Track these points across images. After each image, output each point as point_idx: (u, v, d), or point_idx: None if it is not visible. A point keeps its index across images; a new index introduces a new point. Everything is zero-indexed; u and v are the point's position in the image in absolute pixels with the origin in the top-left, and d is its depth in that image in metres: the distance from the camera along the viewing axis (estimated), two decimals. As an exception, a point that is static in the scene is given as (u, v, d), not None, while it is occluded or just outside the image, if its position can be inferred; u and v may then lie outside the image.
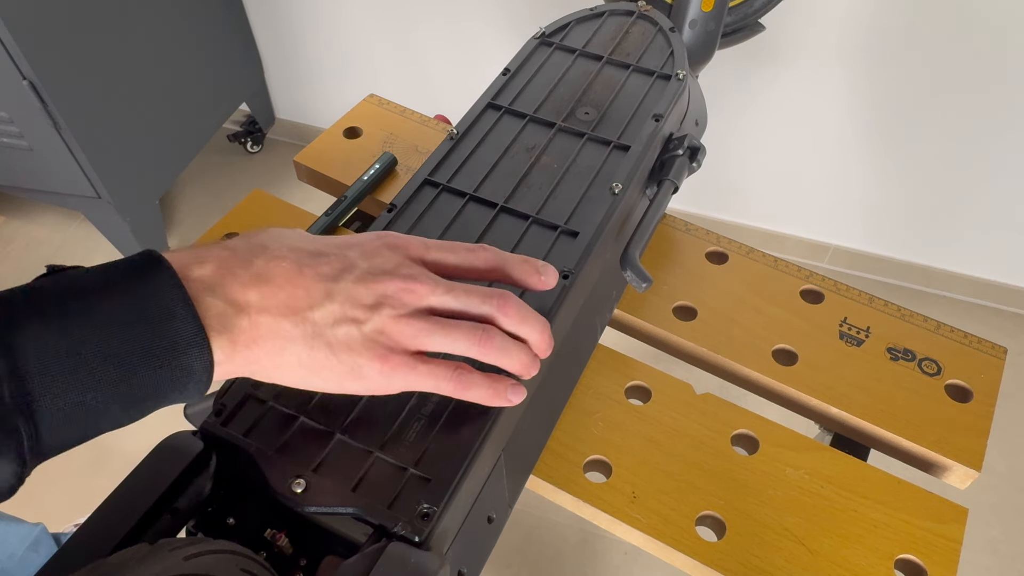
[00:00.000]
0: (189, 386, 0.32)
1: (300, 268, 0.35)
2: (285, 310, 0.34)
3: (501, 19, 1.36)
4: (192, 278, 0.32)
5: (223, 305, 0.33)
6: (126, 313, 0.30)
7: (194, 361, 0.31)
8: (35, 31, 1.13)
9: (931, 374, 0.57)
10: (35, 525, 0.75)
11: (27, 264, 1.60)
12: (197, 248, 0.34)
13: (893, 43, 1.17)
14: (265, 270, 0.34)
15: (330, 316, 0.35)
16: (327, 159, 0.72)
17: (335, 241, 0.38)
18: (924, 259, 1.46)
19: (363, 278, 0.36)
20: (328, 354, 0.35)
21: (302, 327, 0.34)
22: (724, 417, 0.54)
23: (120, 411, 0.31)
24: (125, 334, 0.30)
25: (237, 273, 0.34)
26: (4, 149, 1.30)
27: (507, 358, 0.38)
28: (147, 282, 0.31)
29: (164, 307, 0.31)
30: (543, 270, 0.40)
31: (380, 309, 0.35)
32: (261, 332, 0.33)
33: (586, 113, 0.57)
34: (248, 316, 0.33)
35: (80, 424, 0.30)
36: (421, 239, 0.39)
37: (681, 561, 0.49)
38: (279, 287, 0.34)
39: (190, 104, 1.53)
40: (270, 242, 0.36)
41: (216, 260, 0.34)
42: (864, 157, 1.33)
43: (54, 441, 0.29)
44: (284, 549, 0.37)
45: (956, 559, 0.48)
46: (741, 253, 0.65)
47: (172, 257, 0.33)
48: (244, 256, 0.34)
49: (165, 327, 0.31)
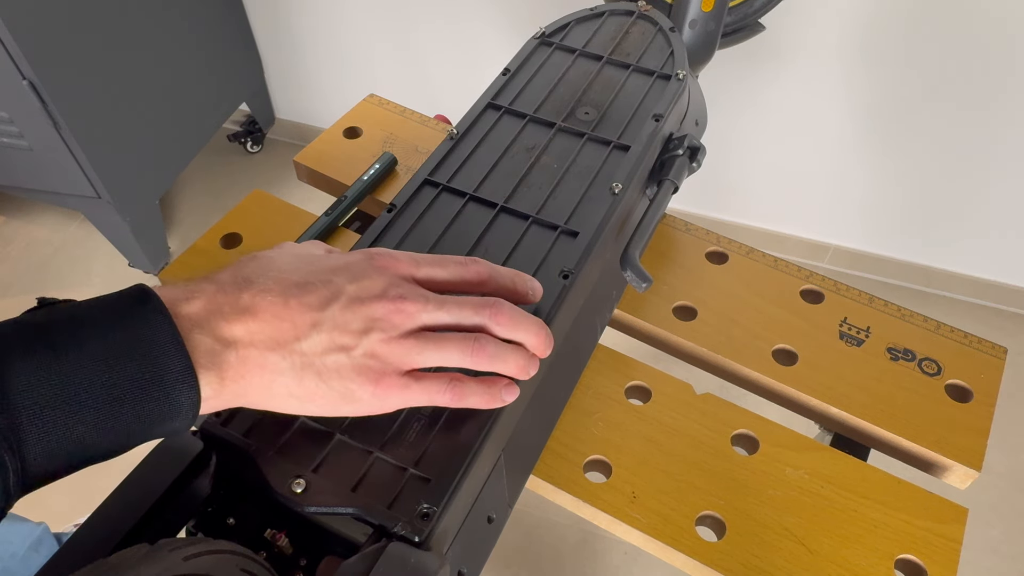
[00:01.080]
0: (176, 421, 0.32)
1: (286, 300, 0.35)
2: (272, 344, 0.34)
3: (501, 19, 1.36)
4: (181, 315, 0.33)
5: (211, 341, 0.33)
6: (116, 349, 0.30)
7: (182, 397, 0.31)
8: (35, 31, 1.13)
9: (931, 374, 0.57)
10: (38, 524, 0.75)
11: (27, 264, 1.60)
12: (186, 284, 0.35)
13: (893, 43, 1.17)
14: (251, 304, 0.34)
15: (318, 346, 0.35)
16: (327, 159, 0.72)
17: (322, 265, 0.38)
18: (924, 259, 1.46)
19: (350, 304, 0.36)
20: (318, 382, 0.35)
21: (290, 359, 0.34)
22: (724, 417, 0.54)
23: (106, 445, 0.31)
24: (115, 369, 0.30)
25: (224, 309, 0.34)
26: (4, 149, 1.30)
27: (501, 364, 0.38)
28: (138, 318, 0.31)
29: (154, 343, 0.31)
30: (530, 285, 0.41)
31: (369, 333, 0.35)
32: (249, 367, 0.34)
33: (586, 113, 0.57)
34: (236, 351, 0.33)
35: (65, 458, 0.30)
36: (410, 255, 0.39)
37: (681, 561, 0.49)
38: (265, 321, 0.34)
39: (190, 104, 1.53)
40: (256, 274, 0.36)
41: (204, 296, 0.34)
42: (864, 157, 1.33)
43: (39, 474, 0.29)
44: (284, 549, 0.37)
45: (956, 559, 0.48)
46: (741, 253, 0.65)
47: (162, 292, 0.33)
48: (231, 291, 0.34)
49: (155, 363, 0.31)
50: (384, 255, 0.39)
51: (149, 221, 1.49)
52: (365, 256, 0.39)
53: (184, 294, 0.34)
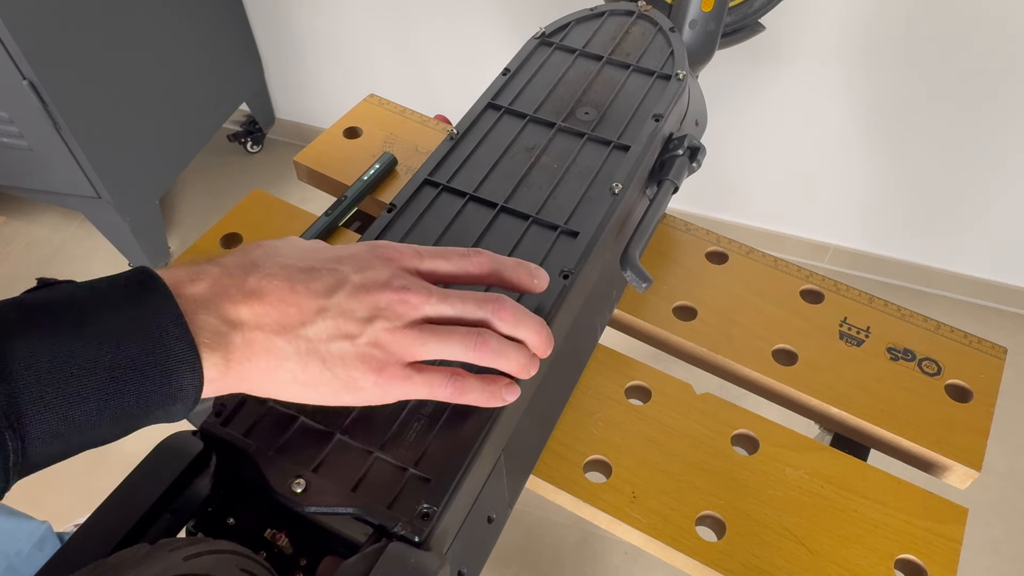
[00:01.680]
0: (177, 403, 0.32)
1: (292, 285, 0.35)
2: (278, 328, 0.34)
3: (501, 19, 1.36)
4: (186, 295, 0.32)
5: (217, 322, 0.33)
6: (118, 328, 0.30)
7: (184, 379, 0.31)
8: (35, 31, 1.13)
9: (931, 374, 0.57)
10: (41, 523, 0.75)
11: (27, 264, 1.60)
12: (190, 265, 0.34)
13: (893, 43, 1.17)
14: (258, 288, 0.34)
15: (323, 332, 0.35)
16: (327, 159, 0.72)
17: (328, 255, 0.38)
18: (924, 259, 1.46)
19: (356, 292, 0.36)
20: (322, 369, 0.35)
21: (295, 344, 0.34)
22: (724, 417, 0.54)
23: (106, 428, 0.30)
24: (116, 349, 0.30)
25: (230, 291, 0.34)
26: (4, 149, 1.30)
27: (504, 360, 0.38)
28: (140, 298, 0.31)
29: (156, 323, 0.31)
30: (536, 273, 0.41)
31: (374, 322, 0.35)
32: (255, 349, 0.33)
33: (586, 113, 0.57)
34: (242, 333, 0.33)
35: (65, 439, 0.29)
36: (414, 247, 0.39)
37: (681, 561, 0.49)
38: (272, 305, 0.34)
39: (190, 104, 1.53)
40: (263, 259, 0.36)
41: (210, 277, 0.34)
42: (864, 157, 1.33)
43: (38, 457, 0.29)
44: (284, 549, 0.37)
45: (956, 559, 0.48)
46: (741, 253, 0.65)
47: (166, 274, 0.33)
48: (237, 274, 0.34)
49: (157, 344, 0.30)
50: (388, 247, 0.39)
51: (149, 221, 1.48)
52: (369, 247, 0.39)
53: (189, 276, 0.33)
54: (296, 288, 0.35)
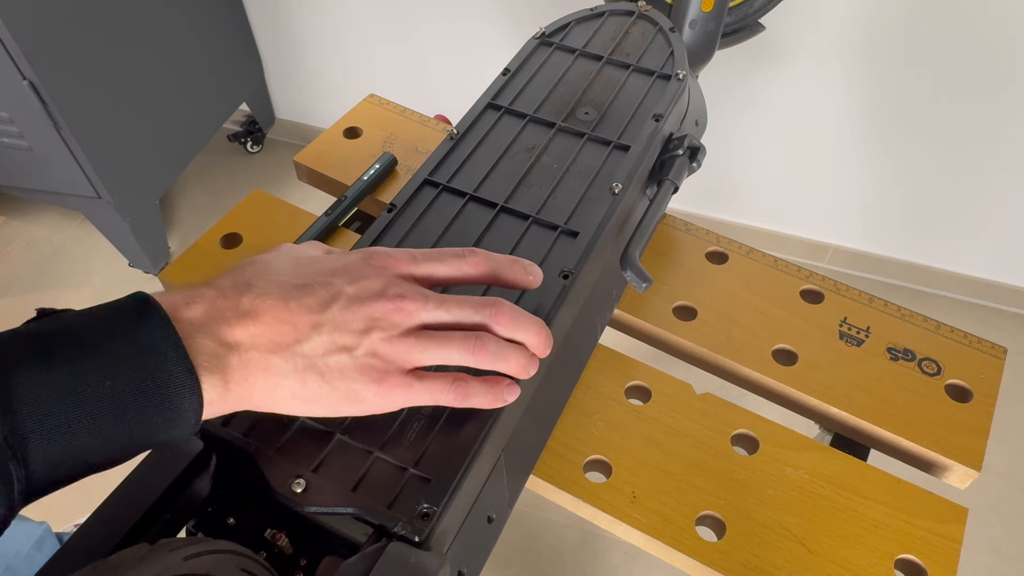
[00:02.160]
0: (178, 427, 0.32)
1: (286, 303, 0.35)
2: (274, 346, 0.34)
3: (501, 19, 1.36)
4: (182, 319, 0.33)
5: (214, 345, 0.33)
6: (117, 355, 0.30)
7: (184, 402, 0.31)
8: (35, 31, 1.13)
9: (931, 374, 0.57)
10: (40, 524, 0.75)
11: (27, 264, 1.60)
12: (186, 289, 0.35)
13: (893, 43, 1.17)
14: (252, 308, 0.34)
15: (320, 347, 0.35)
16: (327, 159, 0.72)
17: (321, 267, 0.38)
18: (924, 259, 1.46)
19: (350, 304, 0.36)
20: (321, 383, 0.35)
21: (292, 361, 0.34)
22: (724, 417, 0.54)
23: (110, 453, 0.31)
24: (116, 376, 0.30)
25: (225, 313, 0.34)
26: (4, 149, 1.30)
27: (503, 362, 0.38)
28: (138, 324, 0.31)
29: (155, 349, 0.31)
30: (530, 269, 0.41)
31: (370, 333, 0.35)
32: (252, 370, 0.34)
33: (586, 113, 0.57)
34: (238, 354, 0.33)
35: (68, 467, 0.30)
36: (409, 252, 0.39)
37: (681, 561, 0.49)
38: (266, 324, 0.34)
39: (190, 104, 1.53)
40: (255, 278, 0.36)
41: (205, 300, 0.34)
42: (864, 157, 1.33)
43: (43, 483, 0.29)
44: (284, 549, 0.37)
45: (956, 559, 0.48)
46: (741, 253, 0.65)
47: (162, 299, 0.33)
48: (231, 295, 0.34)
49: (156, 369, 0.31)
50: (382, 254, 0.39)
51: (149, 221, 1.49)
52: (363, 256, 0.39)
53: (184, 299, 0.34)
54: (290, 305, 0.35)
